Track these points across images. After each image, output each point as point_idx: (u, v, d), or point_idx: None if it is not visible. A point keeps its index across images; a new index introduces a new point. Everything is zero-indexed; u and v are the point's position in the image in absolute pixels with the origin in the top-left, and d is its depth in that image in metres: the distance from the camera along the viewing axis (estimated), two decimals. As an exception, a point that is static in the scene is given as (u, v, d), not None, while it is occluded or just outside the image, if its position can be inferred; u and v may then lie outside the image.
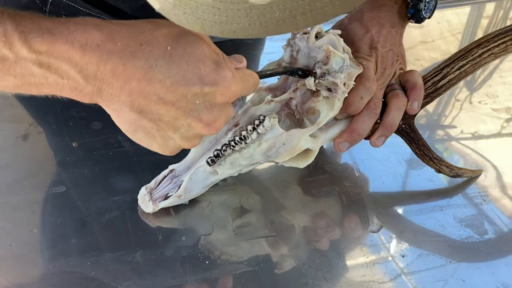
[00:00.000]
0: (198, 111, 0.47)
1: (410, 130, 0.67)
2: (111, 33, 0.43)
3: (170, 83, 0.45)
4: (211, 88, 0.46)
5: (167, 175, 0.63)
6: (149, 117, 0.47)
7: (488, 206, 0.68)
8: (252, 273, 0.58)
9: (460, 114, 0.85)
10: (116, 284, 0.55)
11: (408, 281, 0.58)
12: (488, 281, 0.59)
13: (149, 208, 0.62)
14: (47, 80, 0.43)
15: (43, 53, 0.41)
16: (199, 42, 0.46)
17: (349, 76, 0.59)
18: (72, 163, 0.70)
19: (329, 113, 0.61)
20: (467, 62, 0.64)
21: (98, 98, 0.45)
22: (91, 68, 0.42)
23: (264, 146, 0.59)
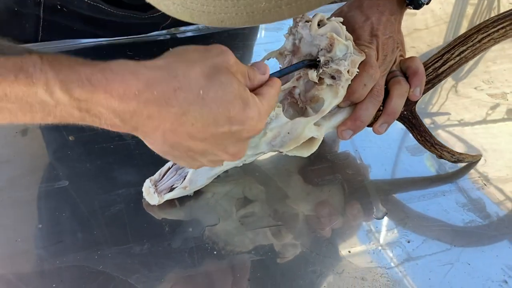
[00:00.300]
0: (225, 145, 0.50)
1: (412, 116, 0.67)
2: (147, 81, 0.44)
3: (201, 125, 0.47)
4: (238, 127, 0.49)
5: (171, 167, 0.63)
6: (179, 149, 0.50)
7: (489, 190, 0.69)
8: (260, 262, 0.58)
9: (446, 102, 0.86)
10: (125, 277, 0.55)
11: (415, 265, 0.59)
12: (493, 263, 0.59)
13: (155, 200, 0.62)
14: (85, 119, 0.45)
15: (82, 100, 0.43)
16: (229, 82, 0.48)
17: (352, 63, 0.59)
18: (73, 157, 0.69)
19: (333, 101, 0.61)
20: (467, 48, 0.64)
21: (134, 132, 0.48)
22: (128, 114, 0.45)
23: (269, 135, 0.60)
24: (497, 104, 0.85)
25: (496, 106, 0.85)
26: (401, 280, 0.57)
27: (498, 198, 0.68)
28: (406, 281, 0.57)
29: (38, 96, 0.42)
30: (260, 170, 0.70)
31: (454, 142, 0.77)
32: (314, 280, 0.56)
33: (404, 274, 0.57)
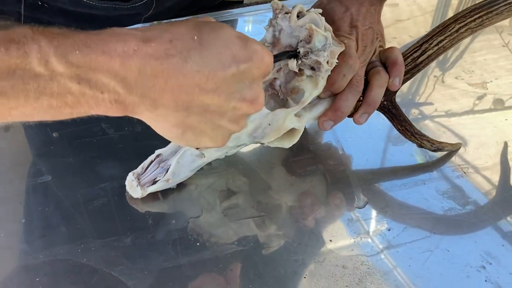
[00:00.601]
0: (240, 92, 0.47)
1: (392, 106, 0.68)
2: (142, 37, 0.42)
3: (208, 70, 0.44)
4: (247, 64, 0.46)
5: (154, 160, 0.63)
6: (195, 112, 0.46)
7: (469, 178, 0.70)
8: (243, 252, 0.59)
9: (433, 92, 0.87)
10: (109, 269, 0.56)
11: (395, 253, 0.60)
12: (471, 249, 0.61)
13: (138, 193, 0.62)
14: (85, 96, 0.41)
15: (81, 67, 0.40)
16: (219, 26, 0.46)
17: (332, 54, 0.60)
18: (56, 152, 0.69)
19: (313, 91, 0.62)
20: (445, 38, 0.65)
21: (141, 107, 0.44)
22: (132, 75, 0.41)
23: (250, 127, 0.60)
24: (484, 94, 0.86)
25: (483, 96, 0.86)
26: (381, 268, 0.58)
27: (477, 186, 0.69)
28: (386, 268, 0.58)
29: (32, 68, 0.38)
30: (243, 162, 0.70)
31: (440, 132, 0.78)
32: (296, 269, 0.57)
33: (384, 262, 0.58)
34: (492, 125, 0.80)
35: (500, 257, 0.60)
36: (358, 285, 0.56)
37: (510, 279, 0.58)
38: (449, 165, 0.72)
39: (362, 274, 0.57)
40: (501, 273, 0.58)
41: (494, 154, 0.74)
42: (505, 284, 0.57)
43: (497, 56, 0.97)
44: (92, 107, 0.42)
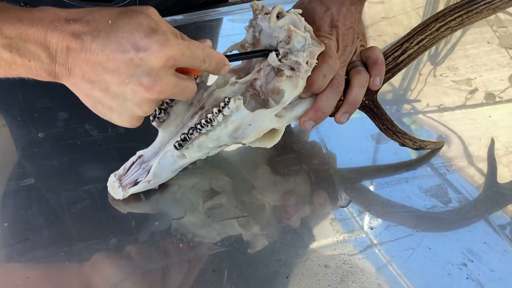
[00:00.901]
0: (137, 76, 0.51)
1: (374, 105, 0.69)
2: (67, 15, 0.49)
3: (109, 51, 0.49)
4: (145, 53, 0.50)
5: (135, 161, 0.63)
6: (98, 87, 0.52)
7: (452, 175, 0.70)
8: (226, 253, 0.59)
9: (425, 88, 0.88)
10: (91, 272, 0.56)
11: (377, 251, 0.60)
12: (453, 247, 0.61)
13: (119, 195, 0.62)
14: (15, 62, 0.49)
15: (13, 38, 0.47)
16: (138, 14, 0.51)
17: (311, 54, 0.60)
18: (40, 154, 0.69)
19: (293, 92, 0.62)
20: (425, 37, 0.66)
21: (60, 75, 0.51)
22: (53, 47, 0.49)
23: (230, 127, 0.60)
24: (473, 89, 0.87)
25: (471, 91, 0.86)
26: (363, 267, 0.58)
27: (460, 183, 0.70)
28: (368, 267, 0.58)
29: None
30: (227, 162, 0.71)
31: (425, 128, 0.79)
32: (278, 269, 0.57)
33: (366, 261, 0.59)
34: (476, 121, 0.81)
35: (482, 255, 0.60)
36: (340, 284, 0.56)
37: (491, 276, 0.58)
38: (433, 163, 0.73)
39: (344, 273, 0.58)
40: (482, 270, 0.59)
41: (478, 151, 0.75)
42: (486, 281, 0.58)
43: (489, 49, 0.97)
44: (22, 72, 0.50)
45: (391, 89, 0.88)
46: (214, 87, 0.63)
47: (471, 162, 0.73)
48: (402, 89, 0.88)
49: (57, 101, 0.77)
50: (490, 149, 0.75)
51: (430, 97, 0.85)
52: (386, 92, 0.87)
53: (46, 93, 0.78)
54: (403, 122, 0.80)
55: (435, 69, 0.92)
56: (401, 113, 0.82)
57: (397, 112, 0.82)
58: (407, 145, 0.71)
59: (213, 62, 0.55)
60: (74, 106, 0.75)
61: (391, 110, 0.82)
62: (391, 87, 0.88)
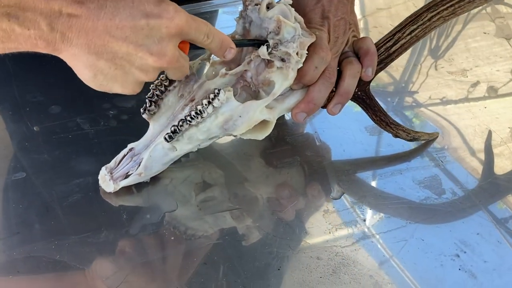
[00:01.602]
0: (147, 45, 0.51)
1: (366, 96, 0.69)
2: None
3: (119, 20, 0.49)
4: (155, 21, 0.50)
5: (126, 154, 0.63)
6: (105, 57, 0.51)
7: (445, 167, 0.71)
8: (218, 245, 0.59)
9: (426, 80, 0.88)
10: (82, 265, 0.56)
11: (370, 243, 0.60)
12: (447, 238, 0.61)
13: (110, 188, 0.62)
14: (14, 32, 0.47)
15: (11, 6, 0.46)
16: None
17: (301, 45, 0.60)
18: (31, 148, 0.69)
19: (283, 83, 0.62)
20: (417, 27, 0.66)
21: (60, 45, 0.49)
22: (54, 14, 0.47)
23: (220, 119, 0.60)
24: (477, 82, 0.87)
25: (476, 84, 0.86)
26: (355, 258, 0.58)
27: (455, 175, 0.70)
28: (361, 258, 0.58)
29: None
30: (219, 155, 0.71)
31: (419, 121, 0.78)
32: (270, 261, 0.57)
33: (358, 252, 0.59)
34: (471, 112, 0.81)
35: (475, 246, 0.61)
36: (332, 276, 0.57)
37: (484, 267, 0.58)
38: (427, 155, 0.73)
39: (336, 264, 0.58)
40: (475, 261, 0.59)
41: (473, 143, 0.75)
42: (479, 272, 0.58)
43: (491, 43, 0.97)
44: (21, 43, 0.49)
45: (392, 81, 0.88)
46: (205, 78, 0.63)
47: (466, 154, 0.73)
48: (404, 81, 0.88)
49: (49, 94, 0.77)
50: (487, 140, 0.75)
51: (431, 90, 0.85)
52: (388, 84, 0.87)
53: (38, 87, 0.78)
54: (406, 115, 0.80)
55: (436, 62, 0.92)
56: (403, 106, 0.82)
57: (399, 105, 0.82)
58: (401, 136, 0.71)
59: (216, 39, 0.56)
60: (66, 99, 0.77)
61: (392, 102, 0.82)
62: (392, 80, 0.88)
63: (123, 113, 0.74)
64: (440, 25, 0.65)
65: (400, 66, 0.90)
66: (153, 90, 0.62)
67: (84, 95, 0.76)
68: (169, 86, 0.62)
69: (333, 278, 0.56)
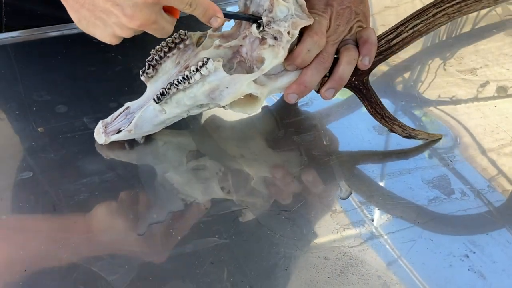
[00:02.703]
0: (122, 6, 0.57)
1: (363, 87, 0.69)
2: None
3: None
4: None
5: (122, 112, 0.68)
6: (86, 7, 0.59)
7: (455, 166, 0.70)
8: (224, 245, 0.59)
9: (435, 79, 0.87)
10: (89, 265, 0.56)
11: (378, 243, 0.60)
12: (455, 239, 0.61)
13: (102, 140, 0.68)
14: None
15: None
16: None
17: (293, 25, 0.62)
18: (38, 148, 0.70)
19: (273, 61, 0.64)
20: (421, 22, 0.66)
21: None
22: None
23: (207, 87, 0.63)
24: (486, 81, 0.87)
25: (485, 84, 0.86)
26: (363, 259, 0.58)
27: (464, 174, 0.70)
28: (369, 259, 0.58)
29: None
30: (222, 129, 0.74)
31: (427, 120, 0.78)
32: (277, 262, 0.58)
33: (366, 253, 0.59)
34: (481, 112, 0.80)
35: (484, 246, 0.60)
36: (340, 276, 0.57)
37: (493, 267, 0.58)
38: (435, 154, 0.73)
39: (344, 265, 0.58)
40: (485, 261, 0.59)
41: (482, 142, 0.74)
42: (488, 273, 0.58)
43: (501, 43, 0.97)
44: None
45: (401, 80, 0.88)
46: (200, 48, 0.66)
47: (475, 153, 0.73)
48: (412, 80, 0.88)
49: (55, 94, 0.78)
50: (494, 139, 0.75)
51: (440, 89, 0.85)
52: (397, 83, 0.87)
53: (45, 86, 0.79)
54: (415, 115, 0.80)
55: (445, 62, 0.92)
56: (411, 105, 0.82)
57: (408, 104, 0.82)
58: (396, 132, 0.71)
59: (199, 7, 0.59)
60: (72, 99, 0.77)
61: (400, 101, 0.82)
62: (401, 79, 0.88)
63: (129, 112, 0.75)
64: (445, 22, 0.65)
65: (408, 66, 0.90)
66: (153, 54, 0.66)
67: (91, 94, 0.77)
68: (168, 53, 0.66)
69: (340, 279, 0.56)
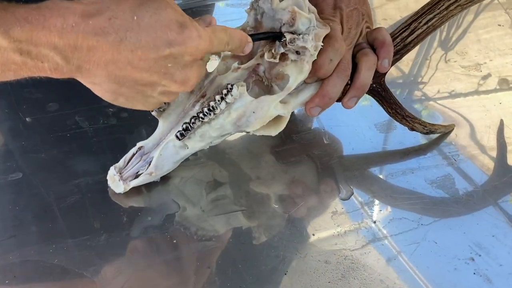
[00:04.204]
0: (171, 74, 0.51)
1: (382, 89, 0.67)
2: (82, 13, 0.46)
3: (141, 52, 0.48)
4: (179, 49, 0.50)
5: (136, 153, 0.63)
6: (126, 85, 0.51)
7: (459, 165, 0.69)
8: (222, 249, 0.58)
9: (436, 73, 0.86)
10: (81, 270, 0.55)
11: (380, 246, 0.59)
12: (460, 241, 0.60)
13: (120, 188, 0.62)
14: (27, 65, 0.46)
15: (23, 41, 0.44)
16: (163, 8, 0.49)
17: (316, 37, 0.59)
18: (28, 148, 0.69)
19: (298, 77, 0.61)
20: (434, 16, 0.64)
21: (78, 74, 0.49)
22: (69, 49, 0.46)
23: (233, 115, 0.60)
24: (488, 74, 0.86)
25: (487, 77, 0.85)
26: (365, 262, 0.57)
27: (468, 173, 0.69)
28: (371, 262, 0.57)
29: None
30: (225, 153, 0.70)
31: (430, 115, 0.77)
32: (276, 266, 0.57)
33: (369, 256, 0.58)
34: (486, 108, 0.79)
35: (490, 248, 0.60)
36: (341, 281, 0.56)
37: (499, 271, 0.57)
38: (440, 153, 0.71)
39: (346, 269, 0.57)
40: (491, 264, 0.58)
41: (487, 140, 0.73)
42: (494, 276, 0.57)
43: (503, 33, 0.96)
44: (34, 72, 0.48)
45: (401, 74, 0.87)
46: (216, 73, 0.62)
47: (480, 151, 0.72)
48: (412, 75, 0.87)
49: (46, 91, 0.76)
50: (499, 136, 0.74)
51: (441, 83, 0.84)
52: (397, 77, 0.86)
53: (35, 83, 0.77)
54: (415, 108, 0.79)
55: (446, 54, 0.90)
56: (412, 99, 0.81)
57: (408, 98, 0.81)
58: (417, 130, 0.70)
59: (235, 41, 0.56)
60: (64, 96, 0.76)
61: (402, 96, 0.81)
62: (401, 73, 0.87)
63: (123, 110, 0.73)
64: (458, 13, 0.64)
65: (409, 60, 0.89)
66: None
67: (83, 92, 0.75)
68: None
69: (342, 283, 0.55)
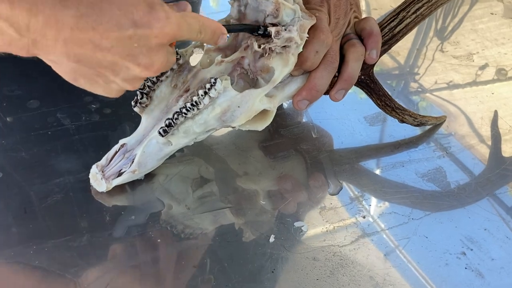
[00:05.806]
0: (135, 56, 0.49)
1: (370, 80, 0.67)
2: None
3: (103, 29, 0.46)
4: (145, 31, 0.48)
5: (118, 151, 0.62)
6: (87, 65, 0.49)
7: (450, 158, 0.69)
8: (207, 247, 0.58)
9: (432, 64, 0.86)
10: (62, 271, 0.55)
11: (370, 242, 0.59)
12: (452, 235, 0.60)
13: (103, 187, 0.61)
14: None
15: None
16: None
17: (301, 28, 0.59)
18: (8, 146, 0.68)
19: (283, 69, 0.60)
20: (422, 5, 0.64)
21: (35, 50, 0.46)
22: (22, 21, 0.43)
23: (218, 110, 0.59)
24: (485, 64, 0.86)
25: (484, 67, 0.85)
26: (354, 258, 0.57)
27: (460, 166, 0.68)
28: (360, 259, 0.57)
29: None
30: (212, 149, 0.70)
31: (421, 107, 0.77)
32: (263, 263, 0.56)
33: (358, 252, 0.58)
34: (478, 99, 0.79)
35: (482, 242, 0.60)
36: (330, 278, 0.55)
37: (491, 265, 0.57)
38: (430, 145, 0.71)
39: (334, 266, 0.57)
40: (482, 259, 0.58)
41: (480, 131, 0.73)
42: (486, 271, 0.57)
43: (499, 23, 0.96)
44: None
45: (397, 66, 0.86)
46: (199, 67, 0.62)
47: (472, 143, 0.72)
48: (408, 66, 0.87)
49: (26, 88, 0.76)
50: (493, 127, 0.74)
51: (437, 74, 0.84)
52: (393, 68, 0.86)
53: (15, 80, 0.77)
54: (411, 100, 0.79)
55: (442, 44, 0.90)
56: (407, 91, 0.81)
57: (404, 90, 0.81)
58: (407, 122, 0.69)
59: (208, 32, 0.54)
60: (45, 93, 0.75)
61: (397, 88, 0.81)
62: (397, 64, 0.87)
63: (106, 106, 0.73)
64: (447, 2, 0.64)
65: (405, 50, 0.89)
66: (145, 81, 0.60)
67: (65, 88, 0.74)
68: (161, 77, 0.61)
69: (330, 280, 0.55)
